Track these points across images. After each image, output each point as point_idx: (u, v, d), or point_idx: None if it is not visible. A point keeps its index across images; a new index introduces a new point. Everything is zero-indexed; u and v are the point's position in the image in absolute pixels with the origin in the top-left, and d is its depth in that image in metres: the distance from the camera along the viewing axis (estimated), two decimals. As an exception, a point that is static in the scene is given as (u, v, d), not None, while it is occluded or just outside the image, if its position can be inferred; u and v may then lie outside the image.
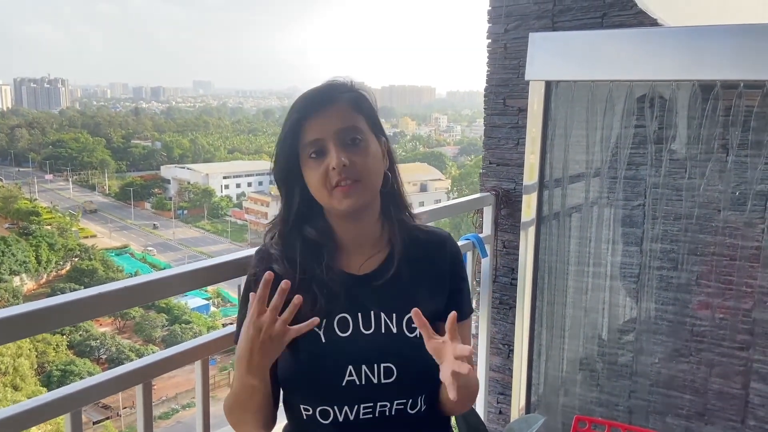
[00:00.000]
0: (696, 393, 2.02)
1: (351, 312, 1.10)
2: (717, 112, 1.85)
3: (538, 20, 2.27)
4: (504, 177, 2.44)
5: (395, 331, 1.09)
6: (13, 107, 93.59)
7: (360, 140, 1.09)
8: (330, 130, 1.08)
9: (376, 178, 1.11)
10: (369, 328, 1.09)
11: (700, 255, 1.96)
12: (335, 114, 1.09)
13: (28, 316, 0.97)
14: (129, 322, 26.88)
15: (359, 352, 1.07)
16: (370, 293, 1.11)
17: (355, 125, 1.09)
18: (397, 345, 1.08)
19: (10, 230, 36.32)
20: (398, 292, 1.12)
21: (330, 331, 1.09)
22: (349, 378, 1.06)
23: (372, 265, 1.14)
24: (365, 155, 1.09)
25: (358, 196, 1.08)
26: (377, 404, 1.07)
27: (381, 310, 1.10)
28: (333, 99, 1.10)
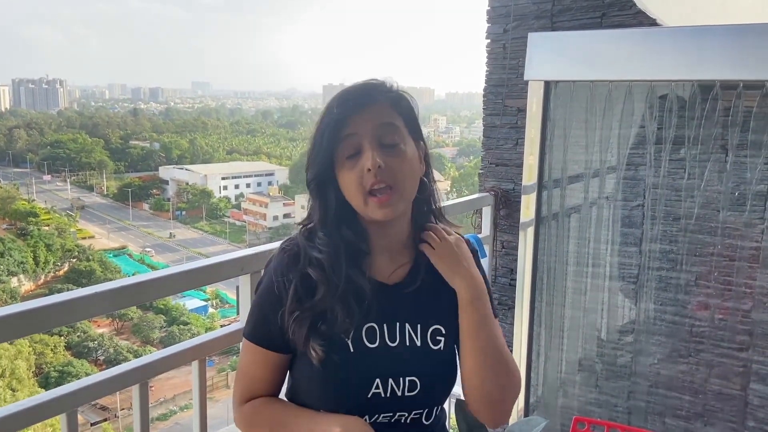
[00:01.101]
0: (695, 394, 2.01)
1: (379, 322, 1.07)
2: (716, 112, 1.85)
3: (537, 20, 2.27)
4: (503, 177, 2.43)
5: (419, 344, 1.07)
6: (11, 108, 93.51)
7: (397, 143, 1.04)
8: (367, 128, 1.02)
9: (412, 184, 1.06)
10: (394, 340, 1.07)
11: (700, 255, 1.96)
12: (374, 111, 1.04)
13: (24, 316, 0.96)
14: (127, 323, 26.84)
15: (387, 365, 1.05)
16: (397, 303, 1.08)
17: (393, 123, 1.04)
18: (421, 358, 1.06)
19: (7, 231, 36.26)
20: (423, 302, 1.09)
21: (358, 342, 1.05)
22: (375, 390, 1.04)
23: (401, 274, 1.10)
24: (402, 160, 1.03)
25: (394, 206, 1.03)
26: (396, 413, 1.06)
27: (406, 321, 1.08)
28: (372, 97, 1.05)
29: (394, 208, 1.03)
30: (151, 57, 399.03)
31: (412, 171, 1.05)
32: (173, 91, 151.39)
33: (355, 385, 1.04)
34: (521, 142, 2.33)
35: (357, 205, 1.05)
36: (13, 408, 0.96)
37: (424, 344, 1.07)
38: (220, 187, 50.54)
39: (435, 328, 1.08)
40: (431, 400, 1.08)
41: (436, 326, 1.09)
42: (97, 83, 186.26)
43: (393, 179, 1.02)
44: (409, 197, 1.06)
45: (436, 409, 1.11)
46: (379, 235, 1.09)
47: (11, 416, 0.95)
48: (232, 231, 44.93)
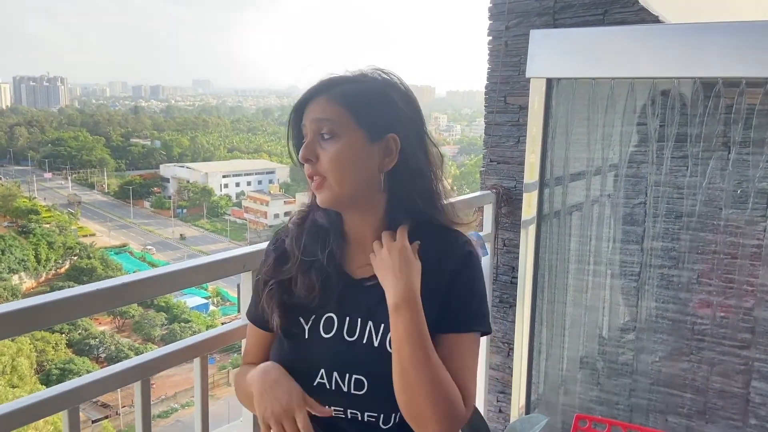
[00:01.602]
0: (697, 392, 2.01)
1: (339, 314, 1.07)
2: (718, 109, 1.84)
3: (539, 17, 2.26)
4: (504, 175, 2.43)
5: (376, 344, 1.04)
6: (12, 105, 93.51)
7: (333, 134, 1.03)
8: (308, 121, 1.06)
9: (347, 176, 1.04)
10: (353, 335, 1.06)
11: (701, 253, 1.96)
12: (313, 107, 1.06)
13: (25, 313, 0.96)
14: (128, 320, 26.88)
15: (334, 358, 1.05)
16: (361, 298, 1.07)
17: (327, 117, 1.03)
18: (374, 359, 1.03)
19: (9, 229, 36.28)
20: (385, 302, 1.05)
21: (315, 330, 1.07)
22: (320, 380, 1.04)
23: (370, 269, 1.09)
24: (334, 150, 1.03)
25: (326, 193, 1.05)
26: (347, 410, 1.05)
27: (369, 318, 1.06)
28: (314, 93, 1.06)
29: (326, 197, 1.05)
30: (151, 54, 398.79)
31: (347, 161, 1.03)
32: (174, 89, 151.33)
33: (300, 370, 1.05)
34: (523, 140, 2.33)
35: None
36: (15, 405, 0.96)
37: (381, 345, 1.04)
38: (220, 185, 50.55)
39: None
40: (383, 404, 1.03)
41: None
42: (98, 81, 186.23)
43: (323, 169, 1.04)
44: (345, 188, 1.04)
45: (395, 415, 1.04)
46: (348, 225, 1.11)
47: (13, 413, 0.95)
48: (233, 229, 44.95)
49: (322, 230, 1.11)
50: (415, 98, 1.11)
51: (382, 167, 1.06)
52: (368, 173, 1.05)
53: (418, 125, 1.09)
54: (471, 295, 1.08)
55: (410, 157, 1.07)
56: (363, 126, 1.04)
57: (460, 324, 1.06)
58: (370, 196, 1.07)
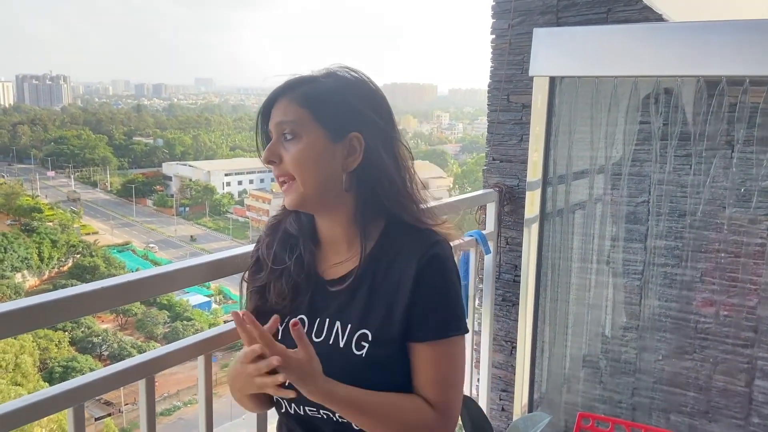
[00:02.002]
0: (700, 390, 2.01)
1: (310, 316, 1.09)
2: (722, 108, 1.84)
3: (543, 16, 2.26)
4: (507, 174, 2.43)
5: (342, 345, 1.04)
6: (15, 104, 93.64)
7: (295, 135, 1.03)
8: (273, 125, 1.06)
9: (310, 174, 1.03)
10: (320, 336, 1.06)
11: (705, 252, 1.95)
12: (275, 110, 1.06)
13: (30, 311, 0.96)
14: (131, 318, 26.94)
15: None
16: (331, 300, 1.08)
17: (289, 119, 1.04)
18: (338, 360, 1.03)
19: (12, 227, 36.36)
20: (357, 304, 1.06)
21: (286, 332, 1.04)
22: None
23: (340, 270, 1.09)
24: (296, 151, 1.03)
25: (292, 194, 1.05)
26: (320, 410, 1.05)
27: (337, 319, 1.06)
28: (275, 96, 1.07)
29: (292, 198, 1.06)
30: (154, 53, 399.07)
31: (309, 160, 1.03)
32: (176, 87, 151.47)
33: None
34: (526, 138, 2.33)
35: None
36: (20, 402, 0.97)
37: (347, 347, 1.04)
38: (223, 183, 50.60)
39: (362, 333, 1.03)
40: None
41: (364, 331, 1.03)
42: (101, 79, 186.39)
43: (286, 170, 1.05)
44: (309, 188, 1.04)
45: None
46: (320, 228, 1.13)
47: (19, 410, 0.96)
48: (235, 227, 45.01)
49: (292, 237, 1.13)
50: (383, 97, 1.10)
51: (345, 167, 1.05)
52: (331, 173, 1.04)
53: (386, 124, 1.08)
54: (439, 299, 1.04)
55: (375, 157, 1.05)
56: (324, 125, 1.03)
57: (430, 332, 1.03)
58: (336, 196, 1.06)
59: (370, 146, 1.05)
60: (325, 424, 1.07)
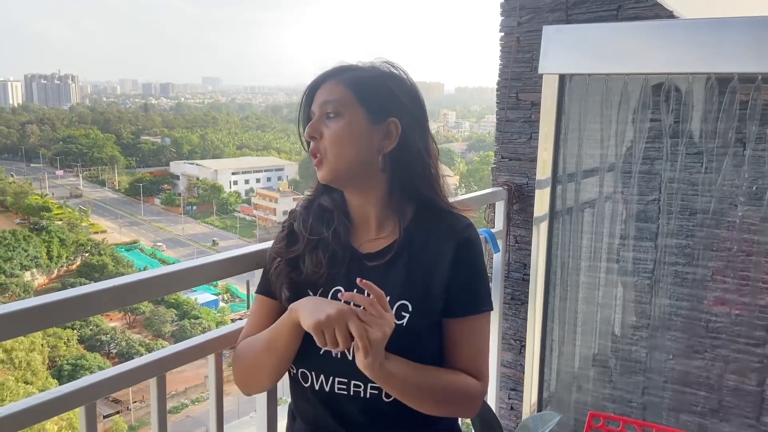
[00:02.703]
0: (711, 390, 2.00)
1: (347, 287, 1.11)
2: (734, 105, 1.83)
3: (552, 13, 2.25)
4: (516, 172, 2.42)
5: None
6: (23, 103, 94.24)
7: (337, 113, 1.10)
8: (317, 104, 1.13)
9: (346, 152, 1.10)
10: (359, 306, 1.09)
11: (716, 250, 1.94)
12: (321, 90, 1.13)
13: (42, 309, 0.96)
14: (139, 317, 27.07)
15: None
16: (368, 273, 1.11)
17: (333, 98, 1.11)
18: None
19: (21, 225, 36.61)
20: (395, 277, 1.12)
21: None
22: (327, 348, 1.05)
23: (376, 246, 1.15)
24: (336, 128, 1.10)
25: (326, 169, 1.11)
26: (351, 382, 1.08)
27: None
28: (323, 78, 1.14)
29: (324, 172, 1.11)
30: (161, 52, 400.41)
31: (347, 137, 1.10)
32: (184, 87, 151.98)
33: (309, 338, 1.05)
34: (535, 137, 2.32)
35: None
36: (34, 400, 0.97)
37: None
38: (230, 182, 50.77)
39: (401, 304, 1.09)
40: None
41: (404, 302, 1.09)
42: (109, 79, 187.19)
43: (324, 146, 1.11)
44: (342, 163, 1.11)
45: None
46: (352, 205, 1.17)
47: (33, 408, 0.96)
48: (242, 226, 45.14)
49: (327, 212, 1.18)
50: (420, 94, 1.18)
51: (381, 148, 1.12)
52: (367, 152, 1.11)
53: (421, 119, 1.16)
54: (475, 277, 1.14)
55: (410, 144, 1.13)
56: (365, 107, 1.11)
57: (469, 307, 1.12)
58: (369, 175, 1.13)
59: (406, 133, 1.13)
60: (351, 401, 1.09)
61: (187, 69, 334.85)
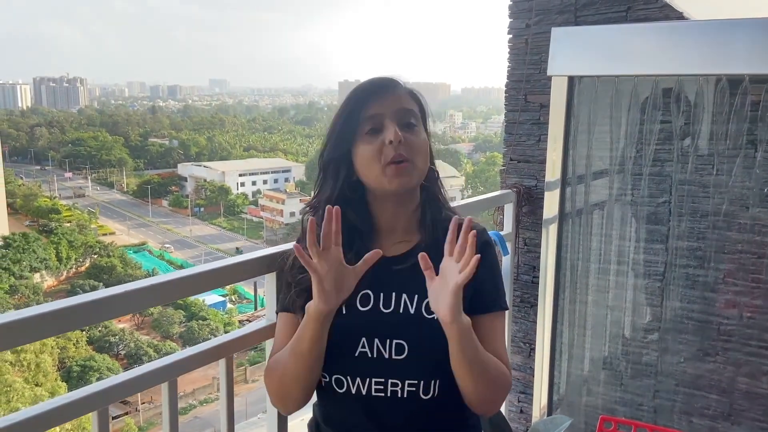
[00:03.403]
0: (722, 393, 1.98)
1: (374, 290, 1.13)
2: (745, 107, 1.82)
3: (561, 15, 2.24)
4: (525, 174, 2.42)
5: (413, 311, 1.12)
6: (32, 106, 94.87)
7: (415, 124, 1.15)
8: (390, 109, 1.13)
9: (424, 162, 1.16)
10: (389, 307, 1.12)
11: (728, 253, 1.93)
12: (395, 97, 1.15)
13: (57, 315, 0.97)
14: (147, 318, 27.15)
15: (374, 326, 1.10)
16: (395, 275, 1.13)
17: (412, 109, 1.16)
18: (412, 323, 1.10)
19: (30, 228, 36.85)
20: (420, 277, 1.11)
21: (351, 306, 1.12)
22: (362, 350, 1.09)
23: (401, 249, 1.17)
24: (418, 139, 1.15)
25: (409, 177, 1.12)
26: (388, 381, 1.09)
27: (403, 291, 1.13)
28: (394, 85, 1.16)
29: (409, 179, 1.12)
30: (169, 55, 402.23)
31: (425, 151, 1.17)
32: (191, 89, 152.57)
33: (341, 342, 1.09)
34: (544, 139, 2.31)
35: (374, 176, 1.12)
36: (47, 405, 0.98)
37: (417, 312, 1.11)
38: (237, 183, 50.89)
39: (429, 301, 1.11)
40: (422, 368, 1.09)
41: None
42: (117, 81, 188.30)
43: (410, 153, 1.12)
44: (421, 174, 1.16)
45: (434, 384, 1.10)
46: (384, 212, 1.17)
47: (45, 414, 0.97)
48: (249, 227, 45.24)
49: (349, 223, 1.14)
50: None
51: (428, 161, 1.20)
52: (428, 164, 1.19)
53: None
54: (495, 278, 1.20)
55: (433, 154, 1.22)
56: (423, 123, 1.20)
57: (493, 304, 1.17)
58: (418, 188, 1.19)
59: (431, 149, 1.21)
60: (389, 402, 1.09)
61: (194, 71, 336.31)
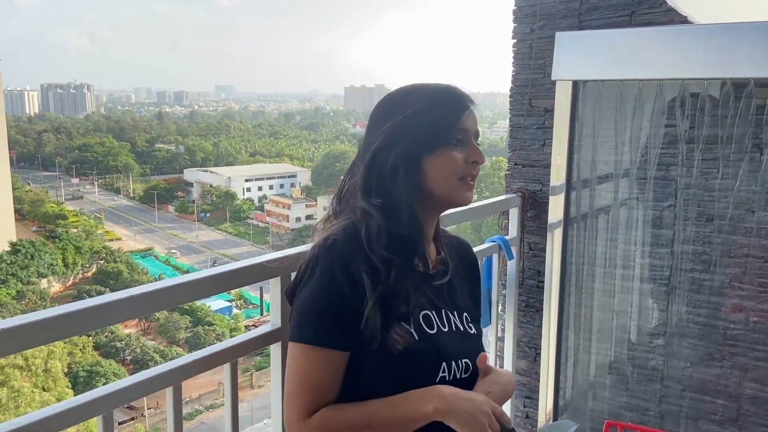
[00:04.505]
0: (729, 398, 1.97)
1: (431, 309, 1.11)
2: (750, 110, 1.81)
3: (565, 19, 2.25)
4: (530, 178, 2.41)
5: (462, 328, 1.15)
6: (40, 112, 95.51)
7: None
8: (475, 127, 1.15)
9: None
10: (445, 326, 1.12)
11: (734, 257, 1.92)
12: (475, 115, 1.15)
13: (63, 319, 0.98)
14: (153, 323, 27.20)
15: (447, 349, 1.10)
16: (437, 291, 1.14)
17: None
18: (467, 341, 1.14)
19: (37, 233, 37.02)
20: (451, 290, 1.17)
21: (419, 329, 1.07)
22: (442, 374, 1.08)
23: (435, 263, 1.17)
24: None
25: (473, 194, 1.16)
26: None
27: (446, 307, 1.14)
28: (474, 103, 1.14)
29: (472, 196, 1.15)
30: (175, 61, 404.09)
31: None
32: (197, 95, 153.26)
33: (424, 370, 1.06)
34: (548, 143, 2.31)
35: (449, 186, 1.10)
36: (52, 410, 0.98)
37: (465, 328, 1.15)
38: (243, 189, 51.03)
39: (465, 315, 1.17)
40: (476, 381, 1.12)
41: (466, 312, 1.17)
42: (123, 87, 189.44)
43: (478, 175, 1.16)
44: None
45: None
46: (428, 226, 1.16)
47: (51, 418, 0.97)
48: (255, 232, 45.32)
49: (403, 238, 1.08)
50: None
51: None
52: None
53: None
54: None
55: None
56: None
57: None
58: None
59: None
60: None
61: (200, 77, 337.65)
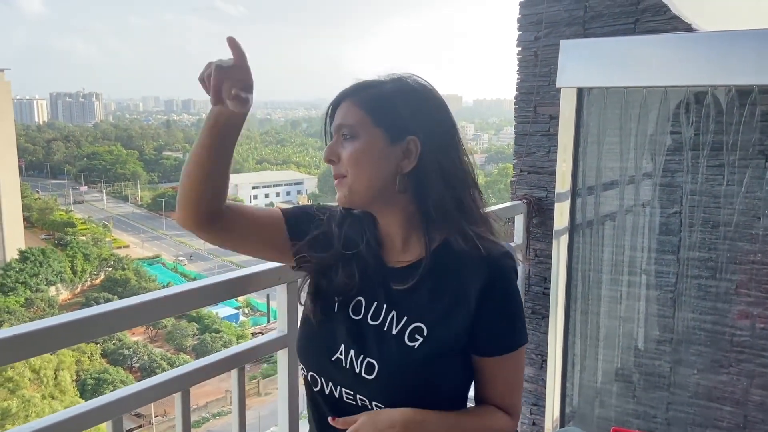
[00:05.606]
0: (736, 405, 1.97)
1: (368, 298, 1.11)
2: (755, 117, 1.82)
3: (569, 27, 2.26)
4: (535, 185, 2.42)
5: (395, 332, 1.06)
6: (49, 121, 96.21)
7: (353, 135, 1.06)
8: (333, 127, 1.10)
9: (363, 173, 1.06)
10: (376, 320, 1.09)
11: (740, 263, 1.92)
12: (340, 110, 1.09)
13: (70, 326, 0.99)
14: (161, 331, 27.25)
15: (354, 336, 1.08)
16: (391, 289, 1.09)
17: (348, 122, 1.07)
18: (389, 347, 1.05)
19: (46, 241, 37.23)
20: (416, 297, 1.08)
21: (344, 307, 1.11)
22: (339, 356, 1.07)
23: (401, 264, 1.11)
24: (353, 150, 1.06)
25: (343, 192, 1.08)
26: (357, 396, 1.08)
27: (393, 308, 1.08)
28: (344, 95, 1.10)
29: (341, 195, 1.08)
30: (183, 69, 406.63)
31: (363, 159, 1.06)
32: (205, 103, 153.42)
33: (324, 343, 1.09)
34: (554, 150, 2.32)
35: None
36: (63, 415, 1.00)
37: (399, 336, 1.06)
38: (250, 196, 51.16)
39: (416, 326, 1.05)
40: (389, 394, 1.04)
41: (419, 324, 1.05)
42: (132, 96, 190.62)
43: (341, 169, 1.07)
44: (360, 186, 1.06)
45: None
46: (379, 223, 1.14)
47: (61, 423, 0.99)
48: (262, 240, 45.25)
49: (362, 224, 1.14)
50: (446, 108, 1.12)
51: (400, 168, 1.06)
52: (384, 172, 1.06)
53: (445, 133, 1.10)
54: (507, 314, 1.07)
55: (431, 163, 1.06)
56: (382, 127, 1.06)
57: (501, 347, 1.07)
58: (390, 197, 1.08)
59: (427, 151, 1.06)
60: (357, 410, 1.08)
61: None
